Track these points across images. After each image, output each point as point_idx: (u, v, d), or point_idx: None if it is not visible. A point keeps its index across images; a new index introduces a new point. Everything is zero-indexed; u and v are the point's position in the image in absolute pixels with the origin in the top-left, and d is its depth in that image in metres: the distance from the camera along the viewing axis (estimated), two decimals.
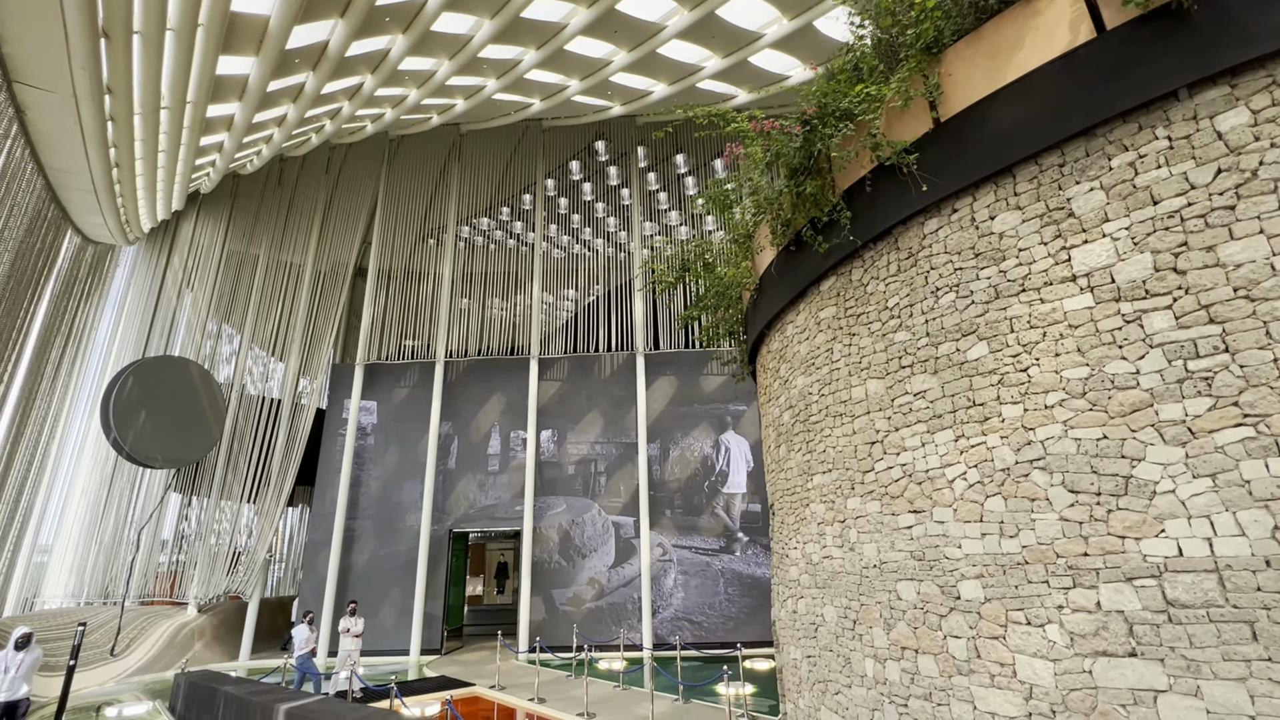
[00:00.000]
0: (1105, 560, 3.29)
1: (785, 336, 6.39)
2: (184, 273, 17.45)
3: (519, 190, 17.59)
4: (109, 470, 14.88)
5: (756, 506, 13.85)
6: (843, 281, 5.39)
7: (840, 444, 5.22)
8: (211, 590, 14.28)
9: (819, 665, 5.29)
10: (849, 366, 5.18)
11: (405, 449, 14.94)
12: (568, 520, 14.11)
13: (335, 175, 18.01)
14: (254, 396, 15.86)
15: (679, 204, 17.06)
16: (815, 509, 5.53)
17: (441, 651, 13.47)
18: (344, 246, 17.53)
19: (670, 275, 9.12)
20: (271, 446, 15.42)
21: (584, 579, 13.66)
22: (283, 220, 17.89)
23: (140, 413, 12.81)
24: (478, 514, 14.40)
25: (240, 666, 13.42)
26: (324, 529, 14.33)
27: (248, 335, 16.60)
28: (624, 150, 17.76)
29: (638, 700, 8.76)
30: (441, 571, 13.91)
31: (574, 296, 16.27)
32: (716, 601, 13.29)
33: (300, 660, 8.93)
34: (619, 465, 14.49)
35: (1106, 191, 3.63)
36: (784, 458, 6.36)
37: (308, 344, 16.40)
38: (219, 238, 17.77)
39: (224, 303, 17.07)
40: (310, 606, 13.79)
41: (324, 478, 14.86)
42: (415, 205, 17.40)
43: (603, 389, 15.06)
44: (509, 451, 14.84)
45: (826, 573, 5.23)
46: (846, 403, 5.16)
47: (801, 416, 5.91)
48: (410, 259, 16.94)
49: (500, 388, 15.28)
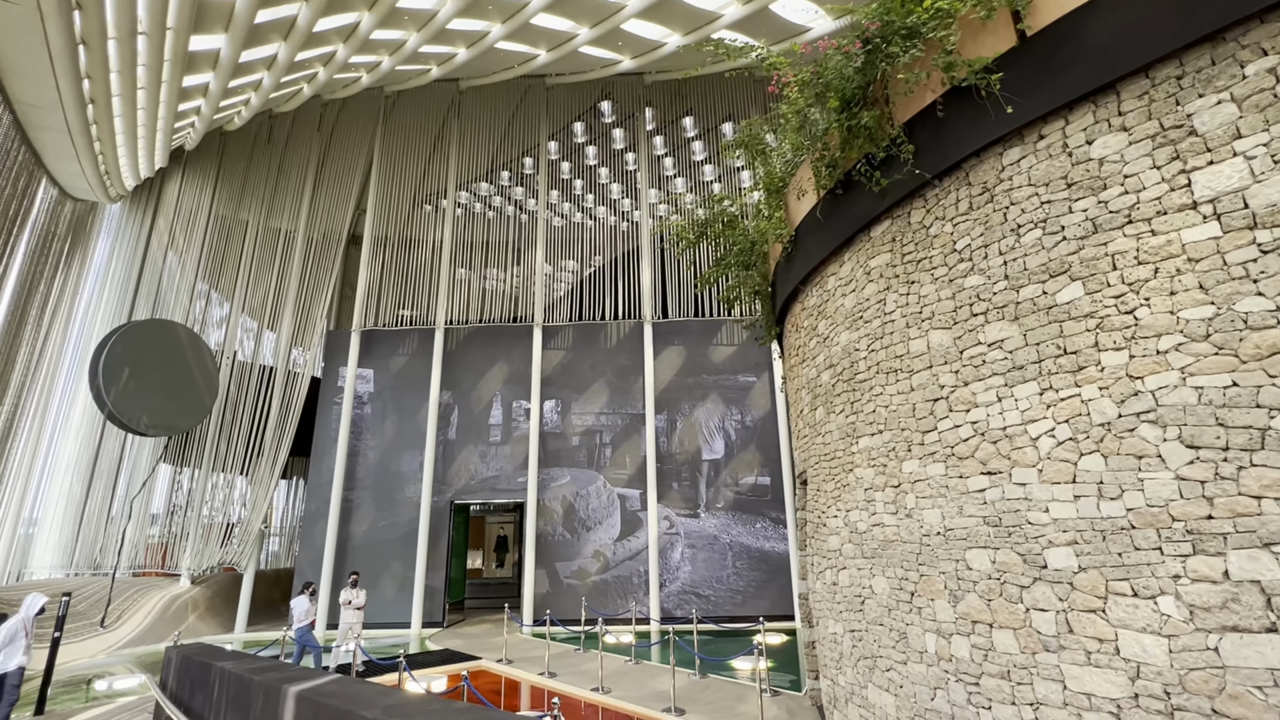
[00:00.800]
0: (1236, 524, 2.87)
1: (825, 291, 5.91)
2: (170, 235, 16.69)
3: (521, 153, 16.87)
4: (97, 440, 14.34)
5: (766, 479, 13.51)
6: (899, 225, 4.90)
7: (894, 403, 4.77)
8: (205, 561, 13.87)
9: (865, 640, 4.92)
10: (906, 318, 4.71)
11: (404, 418, 14.46)
12: (572, 492, 13.74)
13: (328, 134, 17.20)
14: (245, 364, 15.28)
15: (687, 170, 16.40)
16: (861, 474, 5.11)
17: (443, 625, 13.16)
18: (338, 211, 16.80)
19: (691, 232, 8.60)
20: (265, 416, 14.90)
21: (589, 552, 13.33)
22: (273, 182, 17.11)
23: (127, 376, 12.23)
24: (479, 485, 14.00)
25: (235, 639, 13.07)
26: (321, 499, 13.90)
27: (237, 304, 15.95)
28: (630, 112, 17.04)
29: (652, 675, 8.45)
30: (443, 544, 13.54)
31: (578, 265, 15.68)
32: (724, 575, 13.01)
33: (299, 633, 8.55)
34: (625, 437, 14.08)
35: (1239, 104, 3.14)
36: (821, 421, 5.93)
37: (301, 311, 15.79)
38: (205, 200, 16.98)
39: (212, 269, 16.35)
40: (308, 578, 13.42)
41: (320, 447, 14.39)
42: (412, 167, 16.65)
43: (608, 358, 14.58)
44: (511, 422, 14.39)
45: (876, 541, 4.83)
46: (903, 357, 4.71)
47: (845, 376, 5.46)
48: (407, 225, 16.26)
49: (502, 356, 14.77)
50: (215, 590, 14.48)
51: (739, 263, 8.17)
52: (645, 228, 15.25)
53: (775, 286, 7.43)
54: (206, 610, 14.01)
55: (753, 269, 8.17)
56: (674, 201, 15.82)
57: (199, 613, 13.77)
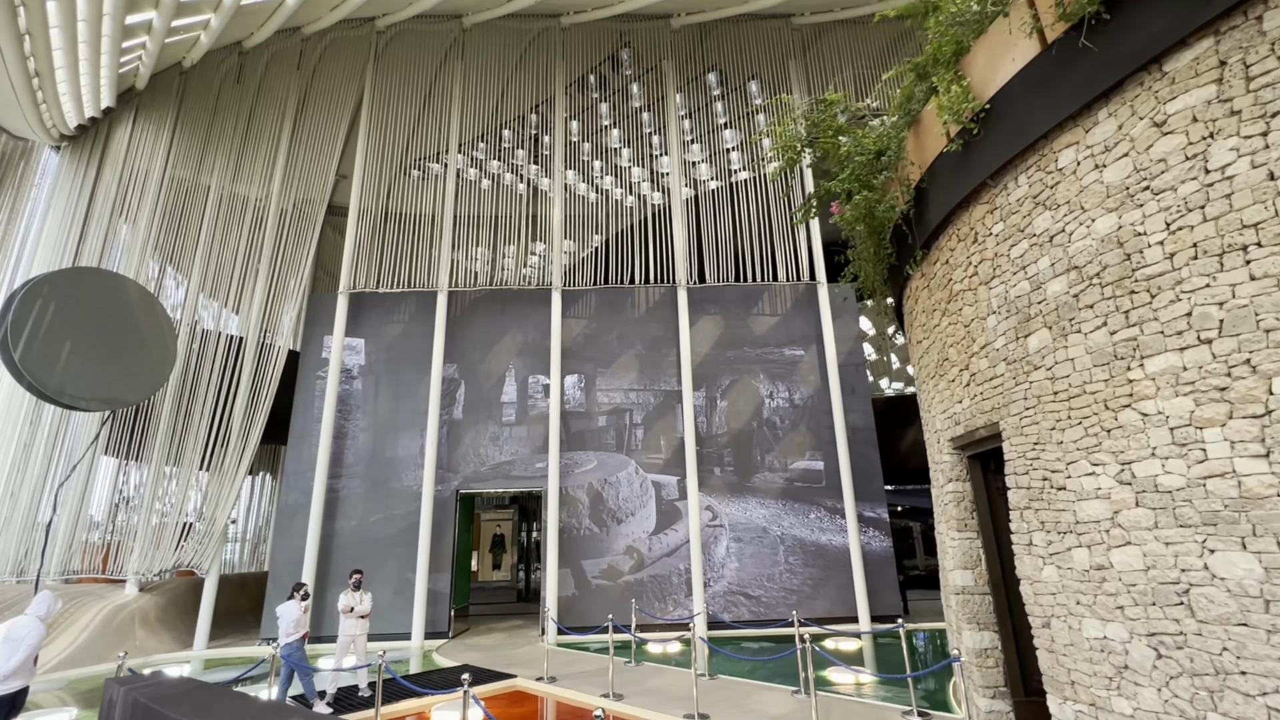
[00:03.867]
0: None
1: (1053, 171, 4.34)
2: (118, 190, 14.33)
3: (532, 106, 15.03)
4: (23, 422, 11.94)
5: (819, 463, 11.97)
6: (1236, 38, 3.36)
7: (1240, 294, 3.23)
8: (157, 564, 11.61)
9: (1191, 648, 3.34)
10: (1262, 168, 3.17)
11: (401, 395, 12.46)
12: (599, 479, 11.96)
13: (309, 75, 15.08)
14: (209, 334, 13.06)
15: (705, 133, 14.76)
16: (1163, 406, 3.55)
17: (448, 635, 11.21)
18: (319, 168, 14.61)
19: (798, 143, 7.00)
20: (232, 395, 12.69)
21: (620, 547, 11.57)
22: (242, 129, 14.88)
23: (58, 337, 9.97)
24: (490, 472, 12.09)
25: (195, 656, 10.90)
26: (301, 490, 11.81)
27: (196, 280, 13.58)
28: (650, 65, 15.42)
29: (745, 694, 6.77)
30: (447, 540, 11.60)
31: (601, 224, 13.93)
32: (776, 573, 11.40)
33: (287, 650, 6.59)
34: (658, 416, 12.37)
35: None
36: (1042, 349, 4.36)
37: (274, 278, 13.60)
38: (161, 153, 14.64)
39: (166, 239, 13.98)
40: (283, 582, 11.32)
41: (301, 428, 12.29)
42: (408, 113, 14.65)
43: (638, 328, 12.87)
44: (528, 399, 12.53)
45: (1218, 501, 3.27)
46: (1256, 227, 3.16)
47: (1107, 277, 3.89)
48: (402, 177, 14.24)
49: (516, 325, 12.91)
50: (170, 599, 12.21)
51: (858, 177, 6.59)
52: (676, 183, 13.60)
53: (924, 198, 5.86)
54: (158, 623, 11.75)
55: (873, 187, 6.62)
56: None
57: (149, 626, 11.52)
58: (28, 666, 5.13)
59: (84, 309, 10.49)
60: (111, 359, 10.77)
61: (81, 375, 10.21)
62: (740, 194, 13.76)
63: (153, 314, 11.45)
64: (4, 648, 5.03)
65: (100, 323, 10.72)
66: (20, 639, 5.05)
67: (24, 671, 5.10)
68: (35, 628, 5.14)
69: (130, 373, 11.07)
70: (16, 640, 5.05)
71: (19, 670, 5.05)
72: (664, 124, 14.35)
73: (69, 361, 10.05)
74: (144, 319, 11.24)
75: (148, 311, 11.38)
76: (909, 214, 6.14)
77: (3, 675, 4.95)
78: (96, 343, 10.61)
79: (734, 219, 13.44)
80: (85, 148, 14.83)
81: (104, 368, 10.74)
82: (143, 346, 11.17)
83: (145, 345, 11.18)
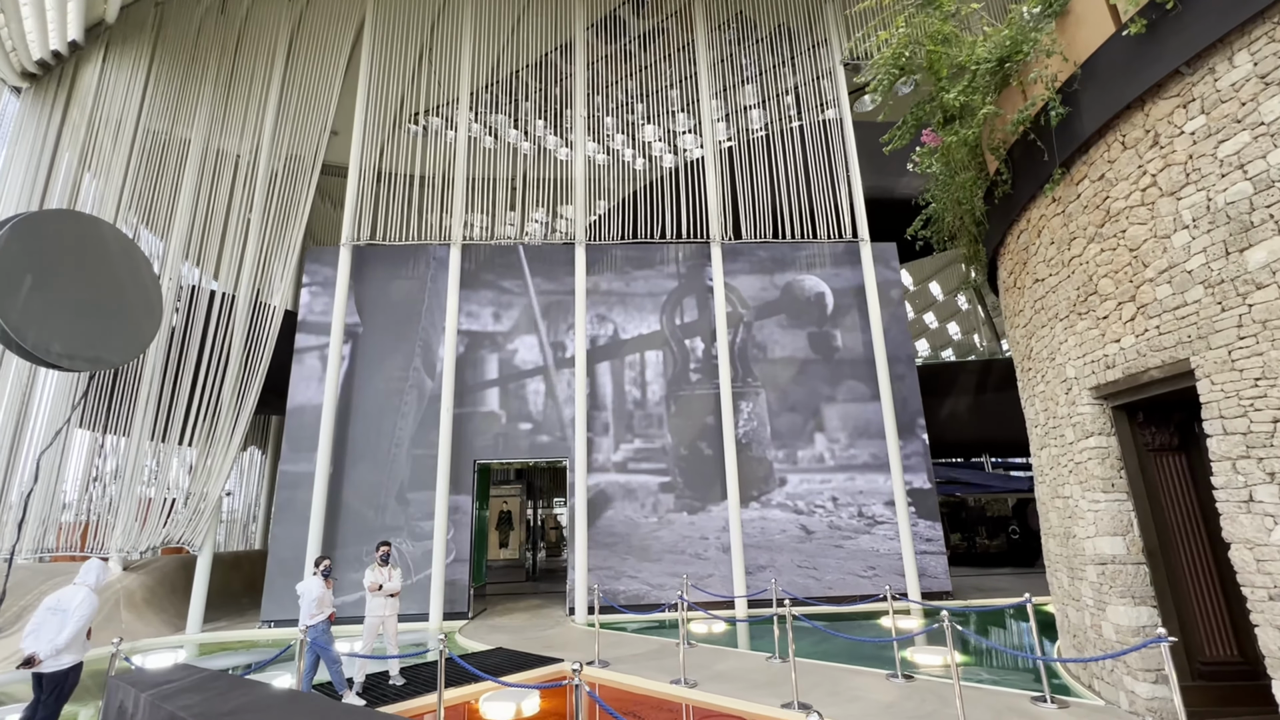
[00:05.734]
0: None
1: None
2: (87, 136, 12.94)
3: (549, 50, 13.83)
4: None
5: (864, 429, 11.22)
6: None
7: None
8: (144, 541, 10.56)
9: None
10: None
11: (410, 358, 11.43)
12: (629, 449, 11.09)
13: (300, 9, 13.69)
14: (198, 290, 11.88)
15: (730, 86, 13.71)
16: None
17: (468, 615, 10.36)
18: (315, 115, 13.29)
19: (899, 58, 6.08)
20: (224, 359, 11.54)
21: (654, 524, 10.75)
22: (226, 73, 13.50)
23: (29, 285, 8.77)
24: (510, 441, 11.15)
25: (189, 640, 9.93)
26: (304, 460, 10.78)
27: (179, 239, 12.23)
28: (672, 10, 14.30)
29: (835, 680, 6.01)
30: (466, 513, 10.68)
31: (625, 177, 12.90)
32: (822, 547, 10.69)
33: (313, 634, 5.65)
34: (690, 383, 11.50)
35: None
36: (1278, 260, 3.56)
37: (266, 232, 12.37)
38: (134, 96, 13.22)
39: (143, 196, 12.59)
40: (283, 558, 10.36)
41: (301, 393, 11.22)
42: (415, 40, 13.39)
43: (667, 285, 11.94)
44: (550, 362, 11.56)
45: None
46: None
47: None
48: (406, 134, 13.02)
49: (535, 281, 11.89)
50: (158, 579, 11.18)
51: (977, 89, 5.70)
52: (709, 133, 12.60)
53: (1072, 102, 4.98)
54: (145, 604, 10.73)
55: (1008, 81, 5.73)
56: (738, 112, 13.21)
57: (135, 608, 10.50)
58: (80, 640, 4.65)
59: (59, 257, 9.26)
60: (91, 314, 9.58)
61: (58, 331, 9.03)
62: (775, 146, 12.82)
63: (135, 264, 10.22)
64: (53, 619, 4.56)
65: (78, 273, 9.50)
66: (70, 610, 4.58)
67: (77, 646, 4.62)
68: (87, 598, 4.68)
69: (111, 329, 9.89)
70: (66, 612, 4.59)
71: (71, 644, 4.55)
72: (695, 72, 13.29)
73: (46, 315, 8.86)
74: (125, 269, 10.03)
75: (130, 261, 10.16)
76: (1043, 126, 5.28)
77: (54, 650, 4.45)
78: (75, 295, 9.41)
79: (772, 171, 12.51)
80: (49, 89, 13.41)
81: (82, 323, 9.55)
82: (123, 299, 9.98)
83: (126, 298, 9.99)
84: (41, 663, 4.38)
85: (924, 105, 6.33)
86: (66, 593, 4.70)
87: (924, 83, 6.28)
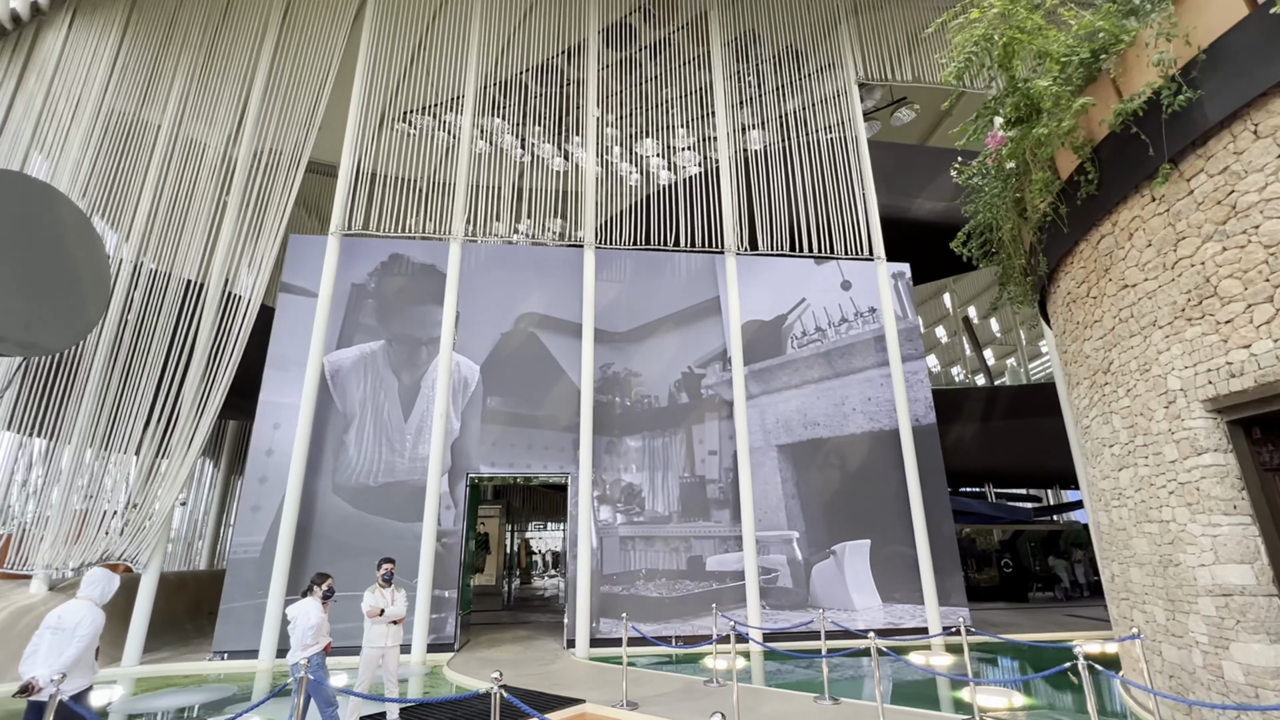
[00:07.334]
0: None
1: None
2: (44, 105, 11.76)
3: (558, 50, 13.35)
4: None
5: (879, 456, 10.76)
6: None
7: None
8: (77, 558, 9.18)
9: None
10: None
11: (400, 362, 10.48)
12: (636, 465, 10.33)
13: None
14: (156, 274, 10.71)
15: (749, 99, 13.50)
16: None
17: (455, 647, 9.28)
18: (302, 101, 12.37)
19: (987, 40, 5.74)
20: (185, 354, 10.34)
21: (661, 548, 9.96)
22: (207, 46, 12.52)
23: None
24: (508, 455, 10.25)
25: (125, 675, 8.57)
26: (274, 472, 9.63)
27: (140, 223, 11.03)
28: (685, 21, 14.09)
29: None
30: (457, 535, 9.68)
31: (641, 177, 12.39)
32: (838, 573, 10.07)
33: (310, 669, 4.65)
34: (701, 399, 10.87)
35: None
36: None
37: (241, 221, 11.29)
38: (102, 70, 12.09)
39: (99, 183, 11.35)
40: (246, 578, 9.12)
41: (275, 397, 10.10)
42: (417, 25, 12.71)
43: (678, 296, 11.38)
44: (553, 371, 10.77)
45: None
46: None
47: None
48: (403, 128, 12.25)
49: (539, 284, 11.16)
50: None
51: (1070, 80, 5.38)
52: (725, 140, 12.24)
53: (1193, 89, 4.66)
54: None
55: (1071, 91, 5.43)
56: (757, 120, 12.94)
57: None
58: (87, 662, 4.08)
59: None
60: (28, 291, 8.38)
61: None
62: (788, 160, 12.55)
63: (86, 239, 9.06)
64: (54, 640, 3.98)
65: (16, 244, 8.33)
66: (72, 629, 4.01)
67: (84, 668, 4.05)
68: (91, 614, 4.13)
69: (52, 311, 8.68)
70: (68, 631, 4.00)
71: (76, 666, 3.95)
72: (710, 82, 13.00)
73: None
74: (76, 243, 8.87)
75: (81, 235, 9.00)
76: (1143, 119, 4.95)
77: (54, 674, 3.80)
78: (11, 269, 8.22)
79: (788, 185, 12.21)
80: (4, 54, 12.21)
81: (17, 302, 8.34)
82: (70, 280, 8.80)
83: (72, 279, 8.81)
84: (40, 690, 3.74)
85: (997, 100, 6.00)
86: (69, 608, 4.11)
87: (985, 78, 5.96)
